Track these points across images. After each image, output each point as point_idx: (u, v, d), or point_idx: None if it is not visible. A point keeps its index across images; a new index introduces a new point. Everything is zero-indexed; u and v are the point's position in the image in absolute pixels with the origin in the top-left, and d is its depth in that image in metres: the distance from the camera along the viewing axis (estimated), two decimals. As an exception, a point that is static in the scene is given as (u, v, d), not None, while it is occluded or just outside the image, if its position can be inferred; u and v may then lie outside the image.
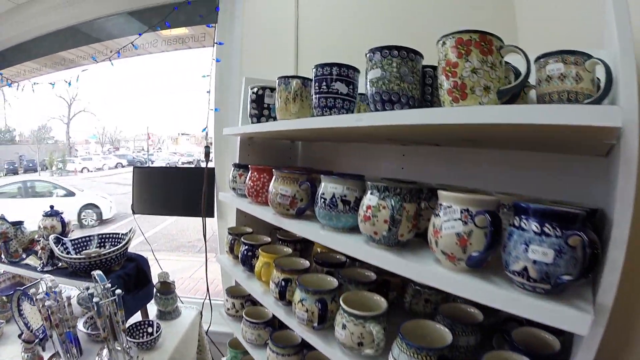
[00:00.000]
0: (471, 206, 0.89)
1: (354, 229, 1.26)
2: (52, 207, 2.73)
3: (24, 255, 2.71)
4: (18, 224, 2.77)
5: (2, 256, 2.67)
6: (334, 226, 1.25)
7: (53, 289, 2.01)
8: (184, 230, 8.83)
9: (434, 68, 1.11)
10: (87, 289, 1.96)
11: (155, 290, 2.71)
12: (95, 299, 1.86)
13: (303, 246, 1.93)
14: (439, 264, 0.97)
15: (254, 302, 2.10)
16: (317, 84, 1.27)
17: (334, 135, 1.61)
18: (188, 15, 3.00)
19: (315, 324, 1.33)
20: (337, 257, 1.69)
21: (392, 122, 0.95)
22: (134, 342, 2.20)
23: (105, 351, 2.09)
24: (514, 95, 1.02)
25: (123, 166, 22.19)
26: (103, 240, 2.64)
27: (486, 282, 0.85)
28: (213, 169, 2.95)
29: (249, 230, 2.06)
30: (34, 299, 1.99)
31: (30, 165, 20.47)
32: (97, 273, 1.94)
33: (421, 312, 1.42)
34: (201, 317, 2.90)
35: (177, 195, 3.17)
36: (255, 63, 2.64)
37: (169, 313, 2.75)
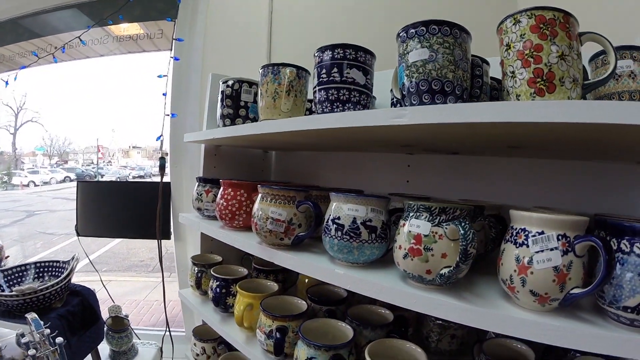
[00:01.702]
0: (569, 230, 0.71)
1: (373, 264, 1.02)
2: None
3: None
4: None
5: None
6: (354, 261, 0.97)
7: None
8: (135, 249, 8.42)
9: (479, 57, 0.92)
10: (22, 335, 1.70)
11: (106, 327, 2.41)
12: (31, 351, 1.60)
13: (286, 276, 1.67)
14: (512, 303, 0.78)
15: (229, 345, 1.80)
16: (324, 71, 1.00)
17: (335, 141, 1.33)
18: (144, 10, 2.74)
19: None
20: (335, 289, 1.44)
21: (459, 120, 0.69)
22: None
23: None
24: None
25: (71, 180, 21.88)
26: (41, 270, 2.33)
27: (584, 323, 0.69)
28: (168, 183, 2.68)
29: (218, 258, 1.78)
30: None
31: None
32: (31, 317, 1.67)
33: (447, 350, 1.25)
34: (161, 354, 2.67)
35: (127, 214, 2.89)
36: (219, 62, 2.44)
37: (124, 353, 2.50)
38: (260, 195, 1.21)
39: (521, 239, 0.73)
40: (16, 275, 2.27)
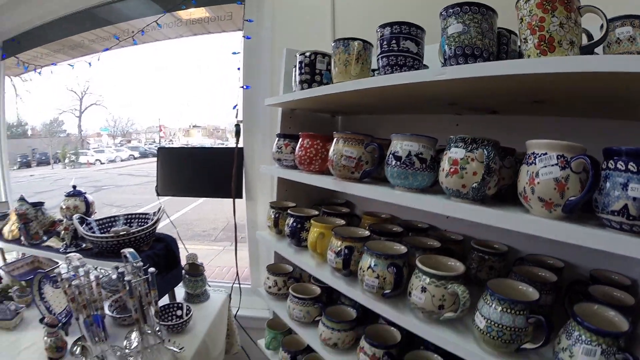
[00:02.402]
0: (566, 152, 0.95)
1: (424, 191, 1.32)
2: (74, 187, 2.81)
3: (44, 237, 2.76)
4: (38, 205, 2.86)
5: (22, 238, 2.73)
6: (409, 186, 1.29)
7: (81, 267, 2.02)
8: (199, 220, 8.99)
9: (506, 30, 1.22)
10: (117, 268, 2.00)
11: (184, 272, 2.77)
12: (127, 277, 1.90)
13: (350, 220, 1.98)
14: (528, 214, 1.02)
15: (297, 279, 2.16)
16: (385, 43, 1.31)
17: (395, 100, 1.63)
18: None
19: (387, 291, 1.36)
20: (393, 228, 1.74)
21: (483, 74, 0.99)
22: (164, 325, 2.25)
23: (134, 334, 2.13)
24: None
25: (135, 158, 23.38)
26: (129, 220, 2.70)
27: (585, 226, 0.89)
28: (241, 148, 3.01)
29: (292, 204, 2.10)
30: (60, 278, 1.98)
31: (43, 158, 21.43)
32: (128, 251, 1.99)
33: (485, 279, 1.44)
34: (230, 300, 2.99)
35: (203, 176, 3.21)
36: (287, 38, 2.68)
37: (197, 296, 2.81)
38: (335, 139, 1.54)
39: (531, 159, 1.00)
40: (107, 224, 2.63)
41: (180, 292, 2.80)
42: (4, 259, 3.28)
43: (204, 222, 8.69)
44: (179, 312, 2.49)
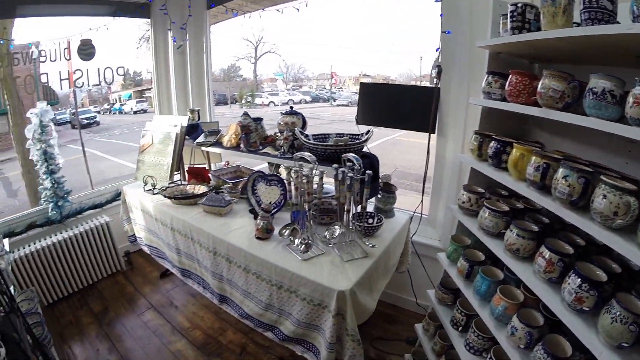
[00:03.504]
0: None
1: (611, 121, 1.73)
2: (291, 107, 3.64)
3: (261, 147, 3.61)
4: (258, 120, 3.73)
5: (242, 146, 3.62)
6: (601, 115, 1.73)
7: (311, 163, 2.60)
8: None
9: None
10: (336, 168, 2.58)
11: (380, 187, 3.40)
12: (349, 174, 2.49)
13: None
14: None
15: (487, 199, 2.65)
16: (587, 0, 1.75)
17: (591, 48, 1.99)
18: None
19: (574, 198, 1.82)
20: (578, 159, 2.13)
21: None
22: (360, 226, 2.90)
23: (336, 227, 2.79)
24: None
25: (307, 102, 25.97)
26: (340, 137, 3.34)
27: None
28: (439, 88, 3.50)
29: (493, 134, 2.57)
30: (288, 171, 2.63)
31: (221, 99, 24.66)
32: (351, 155, 2.59)
33: None
34: (410, 222, 3.59)
35: (399, 110, 3.76)
36: None
37: (385, 212, 3.42)
38: (544, 75, 2.00)
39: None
40: (321, 138, 3.34)
41: (369, 207, 3.37)
42: (210, 167, 4.49)
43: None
44: (370, 220, 3.17)
